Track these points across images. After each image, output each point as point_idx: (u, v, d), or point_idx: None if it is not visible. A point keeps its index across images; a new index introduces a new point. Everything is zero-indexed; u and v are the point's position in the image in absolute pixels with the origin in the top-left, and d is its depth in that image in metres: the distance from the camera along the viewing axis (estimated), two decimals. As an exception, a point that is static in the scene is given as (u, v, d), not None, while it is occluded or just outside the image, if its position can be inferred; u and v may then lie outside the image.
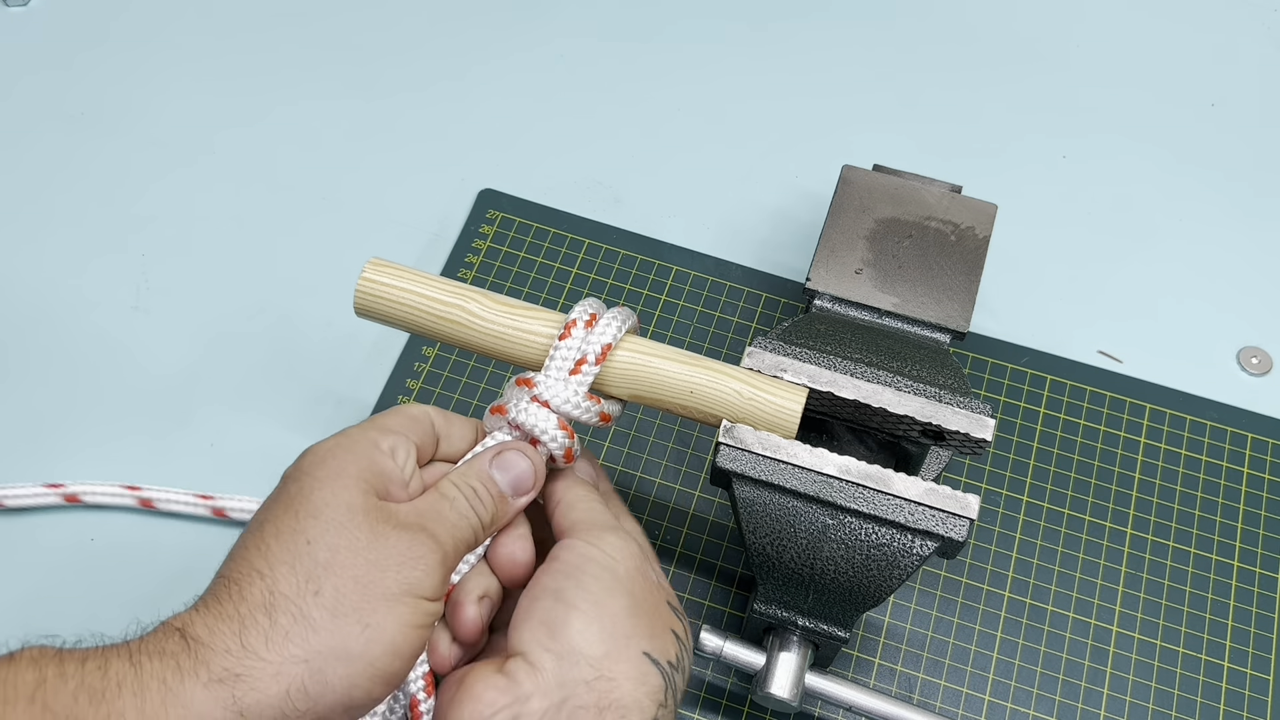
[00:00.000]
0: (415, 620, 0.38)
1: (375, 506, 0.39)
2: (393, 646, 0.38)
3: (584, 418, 0.46)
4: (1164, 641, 0.55)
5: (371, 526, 0.39)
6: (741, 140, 0.72)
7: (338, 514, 0.38)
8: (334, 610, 0.37)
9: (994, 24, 0.77)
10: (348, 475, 0.40)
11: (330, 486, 0.39)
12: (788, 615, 0.47)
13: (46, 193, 0.68)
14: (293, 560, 0.37)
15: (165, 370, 0.62)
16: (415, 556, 0.39)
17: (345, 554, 0.38)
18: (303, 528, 0.38)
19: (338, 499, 0.39)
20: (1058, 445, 0.60)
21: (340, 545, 0.38)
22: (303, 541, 0.38)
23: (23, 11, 0.76)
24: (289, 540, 0.38)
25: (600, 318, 0.47)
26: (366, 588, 0.37)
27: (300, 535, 0.38)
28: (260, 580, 0.37)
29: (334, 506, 0.39)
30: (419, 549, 0.39)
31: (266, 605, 0.36)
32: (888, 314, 0.54)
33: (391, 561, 0.38)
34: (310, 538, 0.38)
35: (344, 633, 0.37)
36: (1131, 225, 0.69)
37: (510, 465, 0.44)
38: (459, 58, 0.75)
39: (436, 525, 0.40)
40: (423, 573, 0.39)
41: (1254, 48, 0.77)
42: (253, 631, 0.36)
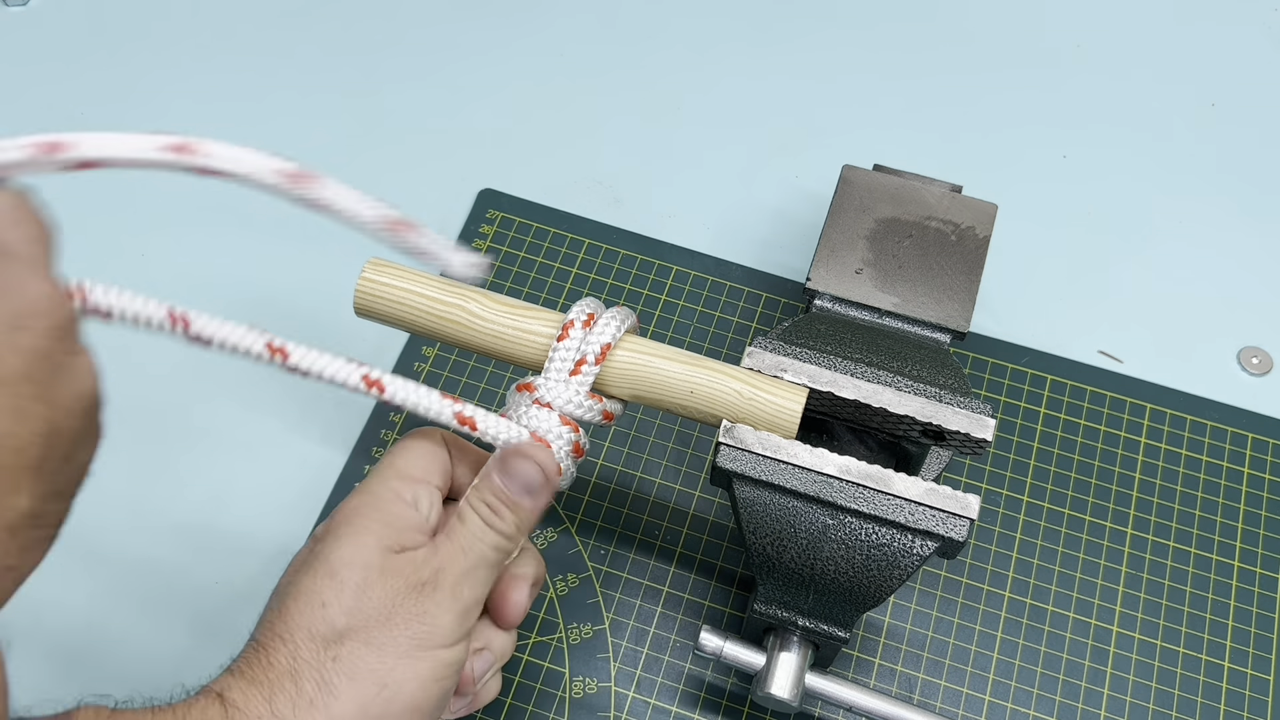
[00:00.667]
0: (433, 674, 0.39)
1: (391, 564, 0.40)
2: (412, 703, 0.38)
3: (587, 417, 0.46)
4: (1164, 641, 0.55)
5: (386, 585, 0.39)
6: (741, 140, 0.72)
7: (354, 574, 0.39)
8: (351, 675, 0.37)
9: (994, 24, 0.77)
10: (368, 533, 0.40)
11: (348, 546, 0.40)
12: (788, 615, 0.47)
13: (45, 193, 0.68)
14: (310, 625, 0.38)
15: (165, 370, 0.62)
16: (424, 610, 0.39)
17: (358, 616, 0.38)
18: (319, 589, 0.39)
19: (355, 559, 0.39)
20: (1058, 445, 0.60)
21: (353, 608, 0.38)
22: (318, 605, 0.38)
23: (23, 11, 0.76)
24: (306, 604, 0.38)
25: (598, 317, 0.47)
26: (381, 649, 0.38)
27: (316, 598, 0.38)
28: (284, 646, 0.38)
29: (351, 567, 0.39)
30: (429, 603, 0.39)
31: (292, 672, 0.37)
32: (888, 314, 0.54)
33: (401, 619, 0.39)
34: (325, 600, 0.38)
35: (363, 697, 0.37)
36: (1132, 225, 0.69)
37: (516, 471, 0.44)
38: (459, 57, 0.75)
39: (453, 567, 0.40)
40: (434, 624, 0.39)
41: (1254, 48, 0.77)
42: (280, 698, 0.37)
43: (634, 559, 0.56)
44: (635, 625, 0.55)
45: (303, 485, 0.58)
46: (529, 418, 0.45)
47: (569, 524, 0.57)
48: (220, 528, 0.57)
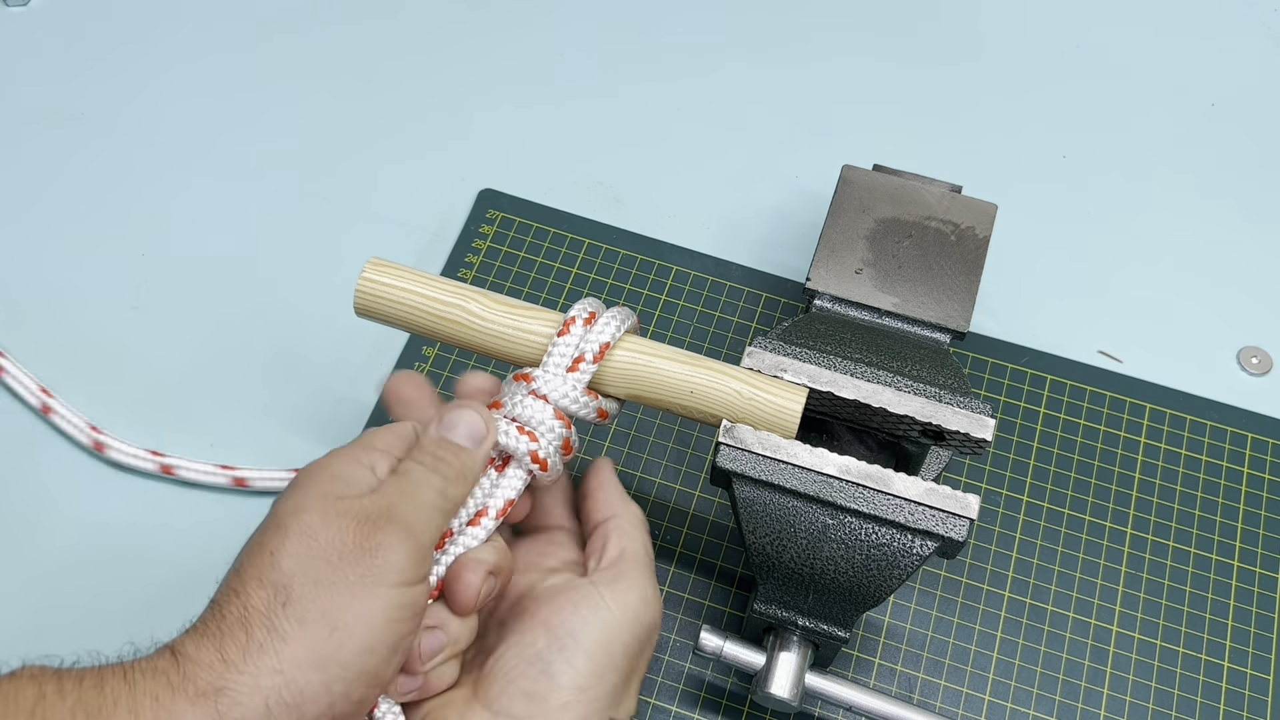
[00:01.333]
0: (388, 612, 0.38)
1: (336, 507, 0.39)
2: (365, 645, 0.37)
3: (581, 413, 0.46)
4: (1164, 641, 0.55)
5: (328, 524, 0.39)
6: (741, 140, 0.72)
7: (298, 520, 0.39)
8: (301, 618, 0.37)
9: (994, 24, 0.77)
10: (313, 484, 0.40)
11: (294, 497, 0.40)
12: (788, 615, 0.47)
13: (46, 193, 0.68)
14: (260, 574, 0.38)
15: (165, 370, 0.62)
16: (375, 545, 0.38)
17: (305, 559, 0.38)
18: (266, 540, 0.39)
19: (300, 506, 0.39)
20: (1058, 445, 0.60)
21: (300, 551, 0.38)
22: (266, 554, 0.38)
23: (23, 11, 0.76)
24: (255, 555, 0.38)
25: (599, 317, 0.47)
26: (330, 589, 0.37)
27: (264, 548, 0.38)
28: (236, 598, 0.37)
29: (295, 514, 0.39)
30: (379, 536, 0.39)
31: (243, 621, 0.37)
32: (888, 314, 0.54)
33: (351, 556, 0.38)
34: (273, 549, 0.38)
35: (312, 639, 0.37)
36: (1131, 225, 0.69)
37: (455, 421, 0.44)
38: (460, 58, 0.75)
39: (401, 505, 0.40)
40: (385, 559, 0.38)
41: (1254, 48, 0.77)
42: (231, 646, 0.36)
43: (634, 559, 0.56)
44: (635, 625, 0.55)
45: (303, 485, 0.58)
46: (522, 407, 0.45)
47: (569, 524, 0.57)
48: (220, 527, 0.57)
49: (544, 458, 0.45)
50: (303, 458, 0.58)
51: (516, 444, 0.45)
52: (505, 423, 0.45)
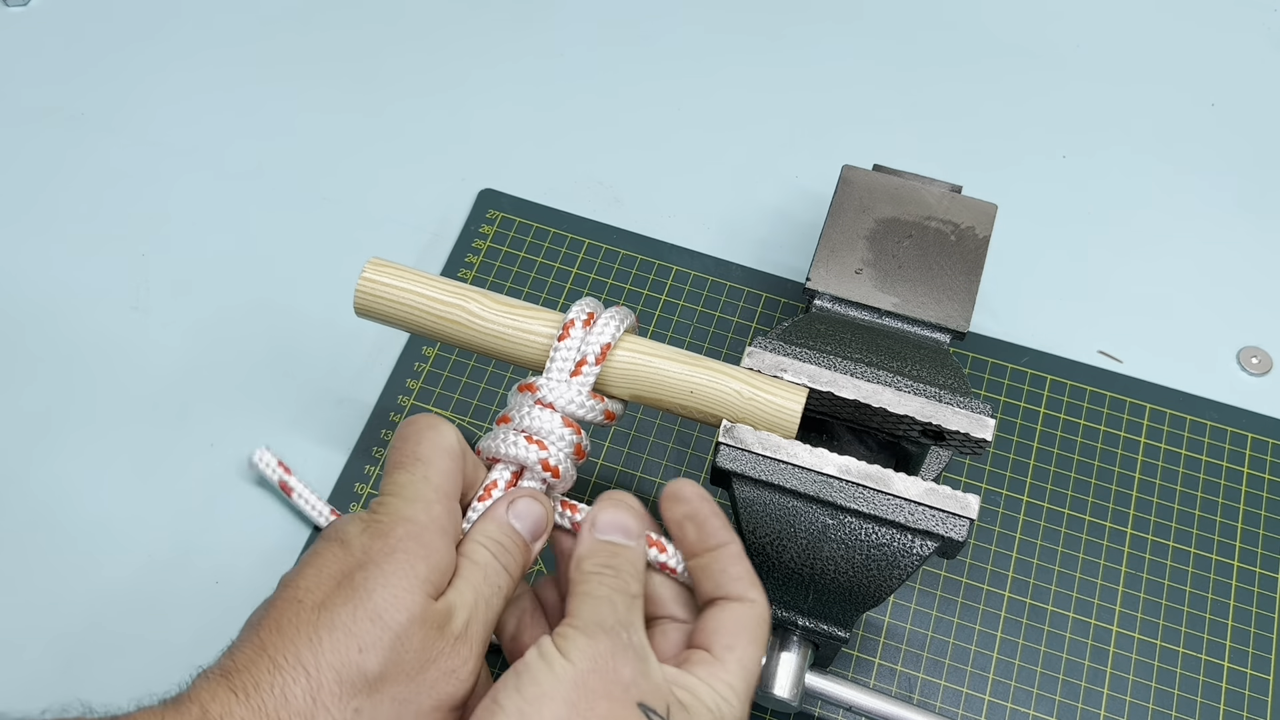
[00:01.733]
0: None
1: (432, 616, 0.38)
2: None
3: (589, 417, 0.46)
4: (1164, 641, 0.55)
5: (425, 636, 0.37)
6: (741, 140, 0.72)
7: (399, 619, 0.37)
8: None
9: (994, 24, 0.77)
10: (414, 575, 0.38)
11: (395, 587, 0.38)
12: (788, 615, 0.47)
13: (46, 193, 0.68)
14: (341, 666, 0.36)
15: (165, 370, 0.62)
16: (452, 669, 0.38)
17: (394, 667, 0.36)
18: (360, 631, 0.36)
19: (401, 603, 0.37)
20: (1058, 445, 0.60)
21: (392, 659, 0.37)
22: (355, 649, 0.36)
23: (23, 11, 0.76)
24: (343, 641, 0.36)
25: (598, 317, 0.47)
26: (403, 705, 0.36)
27: (354, 639, 0.36)
28: (306, 680, 0.35)
29: (396, 611, 0.37)
30: (456, 659, 0.38)
31: (307, 714, 0.35)
32: (888, 314, 0.54)
33: (432, 672, 0.37)
34: (363, 645, 0.36)
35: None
36: (1131, 225, 0.69)
37: (526, 513, 0.43)
38: (460, 57, 0.75)
39: (477, 617, 0.39)
40: (458, 684, 0.38)
41: (1254, 48, 0.77)
42: None
43: (634, 559, 0.56)
44: (635, 625, 0.55)
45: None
46: (531, 418, 0.45)
47: (569, 524, 0.57)
48: (220, 527, 0.57)
49: (555, 465, 0.45)
50: (303, 458, 0.59)
51: (526, 454, 0.45)
52: (514, 434, 0.45)
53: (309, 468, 0.59)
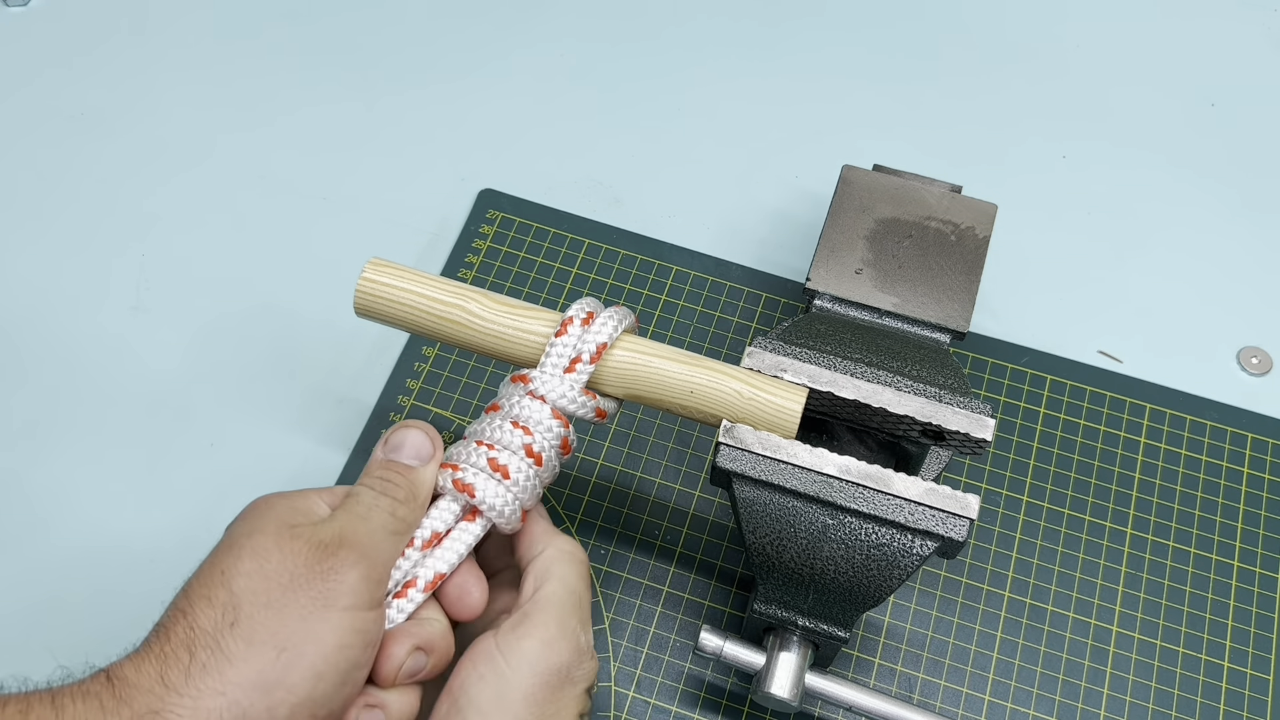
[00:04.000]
0: (338, 638, 0.37)
1: (290, 533, 0.39)
2: (313, 670, 0.37)
3: (579, 412, 0.46)
4: (1164, 641, 0.55)
5: (282, 547, 0.38)
6: (742, 140, 0.72)
7: (251, 541, 0.38)
8: (249, 639, 0.36)
9: (994, 24, 0.77)
10: (269, 510, 0.40)
11: (249, 521, 0.40)
12: (788, 615, 0.47)
13: (46, 193, 0.68)
14: (209, 594, 0.37)
15: (165, 370, 0.62)
16: (329, 569, 0.38)
17: (258, 579, 0.37)
18: (218, 561, 0.38)
19: (254, 528, 0.39)
20: (1058, 445, 0.60)
21: (252, 571, 0.37)
22: (218, 573, 0.38)
23: (23, 11, 0.76)
24: (206, 575, 0.38)
25: (597, 316, 0.47)
26: (280, 611, 0.37)
27: (216, 568, 0.38)
28: (182, 619, 0.37)
29: (249, 535, 0.39)
30: (332, 560, 0.38)
31: (187, 642, 0.36)
32: (888, 314, 0.54)
33: (304, 578, 0.38)
34: (224, 568, 0.38)
35: (259, 661, 0.36)
36: (1131, 225, 0.69)
37: (400, 441, 0.44)
38: (459, 57, 0.75)
39: (350, 526, 0.40)
40: (338, 583, 0.38)
41: (1254, 48, 0.77)
42: (173, 669, 0.36)
43: (634, 559, 0.56)
44: (635, 625, 0.55)
45: (302, 485, 0.58)
46: (521, 407, 0.45)
47: (569, 524, 0.57)
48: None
49: (539, 451, 0.45)
50: (303, 458, 0.59)
51: (512, 438, 0.45)
52: (502, 420, 0.45)
53: (309, 468, 0.59)
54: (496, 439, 0.45)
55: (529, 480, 0.45)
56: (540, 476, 0.45)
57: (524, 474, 0.44)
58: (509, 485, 0.44)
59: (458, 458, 0.45)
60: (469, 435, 0.46)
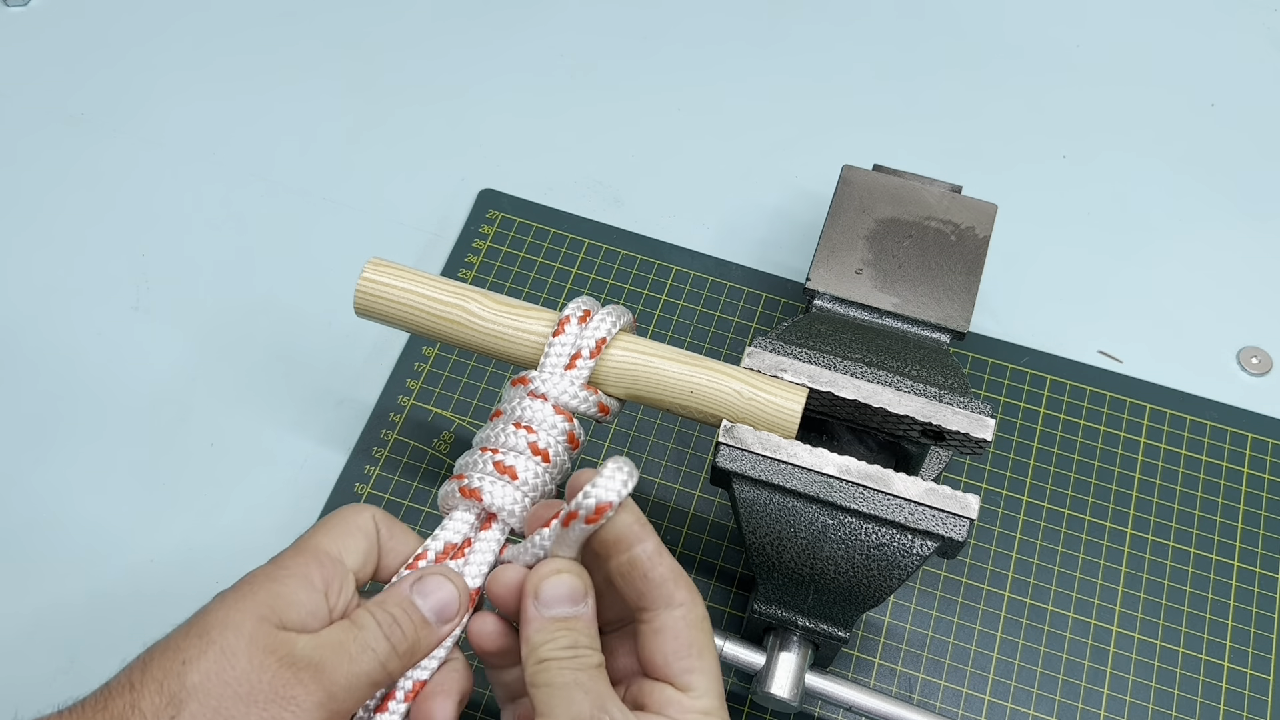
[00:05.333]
0: None
1: (269, 635, 0.37)
2: None
3: (581, 408, 0.46)
4: (1164, 641, 0.55)
5: (253, 656, 0.36)
6: (741, 140, 0.72)
7: (223, 637, 0.36)
8: None
9: (994, 24, 0.77)
10: (253, 600, 0.38)
11: (228, 609, 0.37)
12: (788, 615, 0.47)
13: (46, 193, 0.68)
14: (163, 678, 0.36)
15: (165, 370, 0.62)
16: (288, 696, 0.36)
17: (216, 681, 0.36)
18: (184, 646, 0.37)
19: (230, 621, 0.37)
20: (1058, 445, 0.60)
21: (212, 671, 0.36)
22: (179, 660, 0.36)
23: (23, 11, 0.76)
24: (167, 657, 0.36)
25: (594, 314, 0.47)
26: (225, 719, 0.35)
27: (179, 654, 0.36)
28: (128, 694, 0.36)
29: (223, 628, 0.37)
30: (295, 688, 0.36)
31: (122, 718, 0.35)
32: (888, 314, 0.54)
33: (261, 697, 0.36)
34: (187, 658, 0.36)
35: None
36: (1131, 225, 0.69)
37: (431, 590, 0.41)
38: (459, 57, 0.75)
39: (333, 660, 0.38)
40: (293, 713, 0.36)
41: (1254, 48, 0.77)
42: None
43: (634, 559, 0.56)
44: (635, 625, 0.55)
45: (302, 485, 0.58)
46: (523, 409, 0.45)
47: (569, 524, 0.57)
48: (220, 528, 0.57)
49: (544, 449, 0.45)
50: (303, 458, 0.59)
51: (515, 439, 0.45)
52: (505, 424, 0.45)
53: (309, 468, 0.59)
54: (501, 442, 0.45)
55: (538, 479, 0.45)
56: (550, 474, 0.45)
57: (532, 472, 0.44)
58: (518, 485, 0.44)
59: (464, 468, 0.45)
60: (475, 444, 0.46)
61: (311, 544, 0.41)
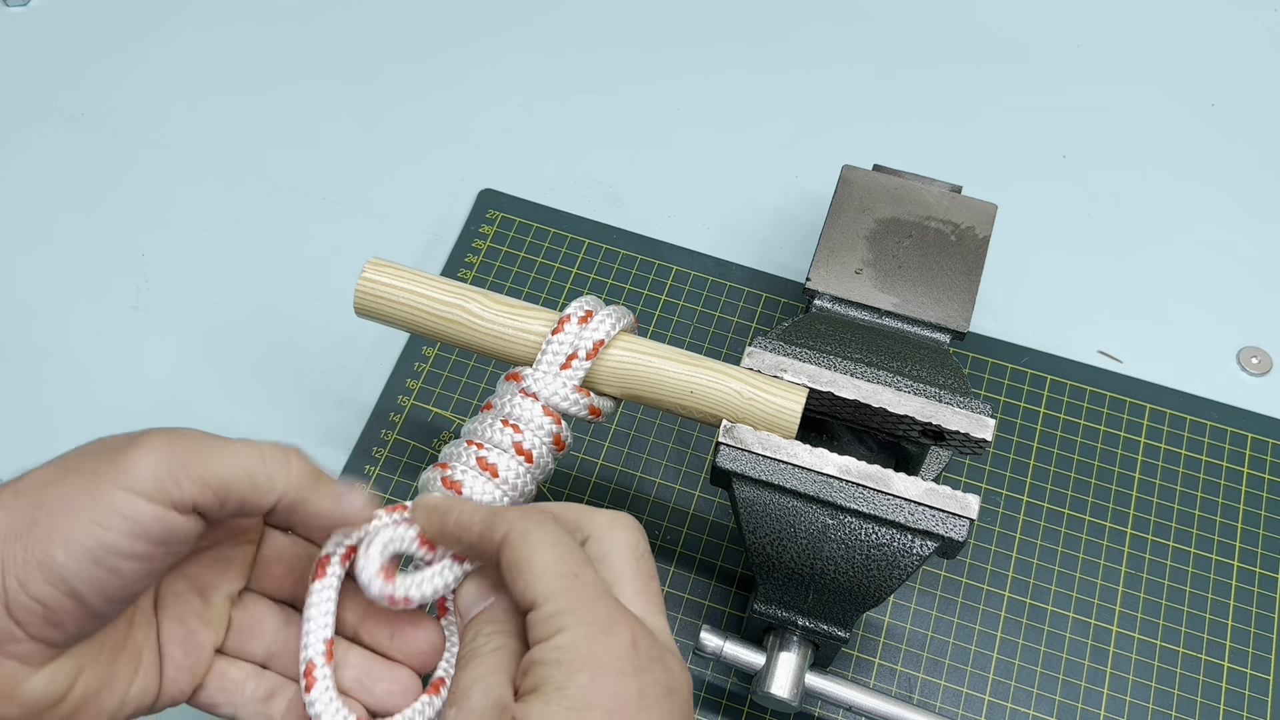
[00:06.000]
0: (98, 517, 0.34)
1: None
2: (61, 538, 0.34)
3: (572, 410, 0.46)
4: (1164, 641, 0.55)
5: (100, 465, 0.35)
6: (741, 140, 0.72)
7: (82, 465, 0.36)
8: (15, 491, 0.35)
9: (994, 24, 0.77)
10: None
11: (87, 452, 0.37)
12: (788, 615, 0.47)
13: (46, 193, 0.68)
14: (13, 484, 0.36)
15: (165, 370, 0.62)
16: (126, 452, 0.35)
17: (58, 480, 0.35)
18: (42, 470, 0.36)
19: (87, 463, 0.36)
20: (1058, 445, 0.60)
21: (58, 475, 0.36)
22: (28, 473, 0.36)
23: (23, 11, 0.76)
24: (23, 480, 0.36)
25: (595, 314, 0.47)
26: (59, 482, 0.35)
27: (33, 473, 0.36)
28: None
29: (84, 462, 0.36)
30: (133, 447, 0.35)
31: None
32: (888, 314, 0.54)
33: (96, 465, 0.35)
34: (39, 469, 0.36)
35: (14, 510, 0.34)
36: (1131, 225, 0.69)
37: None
38: (459, 57, 0.75)
39: (187, 440, 0.36)
40: (125, 466, 0.34)
41: (1254, 48, 0.77)
42: None
43: (634, 559, 0.56)
44: (635, 625, 0.55)
45: (303, 485, 0.58)
46: (512, 405, 0.45)
47: (569, 524, 0.57)
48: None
49: (529, 449, 0.45)
50: (303, 458, 0.59)
51: (501, 436, 0.45)
52: (493, 419, 0.45)
53: (309, 468, 0.59)
54: (487, 438, 0.45)
55: (519, 478, 0.45)
56: (532, 474, 0.45)
57: (513, 472, 0.44)
58: (498, 483, 0.44)
59: (449, 457, 0.45)
60: (463, 435, 0.46)
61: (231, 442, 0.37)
